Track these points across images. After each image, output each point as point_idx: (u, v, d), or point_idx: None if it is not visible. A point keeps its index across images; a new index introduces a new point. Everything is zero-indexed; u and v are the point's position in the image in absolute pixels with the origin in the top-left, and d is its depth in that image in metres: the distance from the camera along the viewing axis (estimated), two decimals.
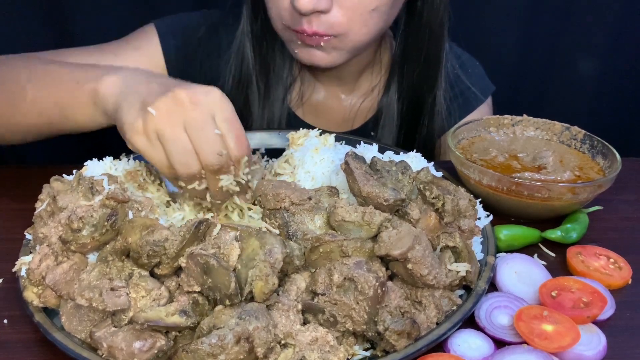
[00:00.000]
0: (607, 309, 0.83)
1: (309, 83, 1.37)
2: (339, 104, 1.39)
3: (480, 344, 0.78)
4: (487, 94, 1.44)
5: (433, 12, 1.23)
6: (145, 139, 0.81)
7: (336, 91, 1.39)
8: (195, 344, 0.66)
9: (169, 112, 0.80)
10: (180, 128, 0.80)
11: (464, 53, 1.44)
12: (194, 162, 0.81)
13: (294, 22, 1.10)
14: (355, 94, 1.39)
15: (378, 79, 1.37)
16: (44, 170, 0.98)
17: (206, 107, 0.81)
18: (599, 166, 1.10)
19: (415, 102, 1.33)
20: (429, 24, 1.24)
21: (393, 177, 0.89)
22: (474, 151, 1.13)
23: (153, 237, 0.74)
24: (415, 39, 1.27)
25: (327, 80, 1.37)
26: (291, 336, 0.71)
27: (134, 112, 0.82)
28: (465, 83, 1.39)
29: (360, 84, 1.38)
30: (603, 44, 1.81)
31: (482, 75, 1.45)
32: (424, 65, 1.28)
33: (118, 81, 0.89)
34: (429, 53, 1.27)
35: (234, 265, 0.73)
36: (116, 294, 0.72)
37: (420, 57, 1.28)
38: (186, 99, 0.80)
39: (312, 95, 1.38)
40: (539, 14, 1.78)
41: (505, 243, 0.96)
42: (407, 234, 0.77)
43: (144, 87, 0.86)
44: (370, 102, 1.38)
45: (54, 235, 0.79)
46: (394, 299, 0.74)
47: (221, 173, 0.83)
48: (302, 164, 0.99)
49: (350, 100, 1.39)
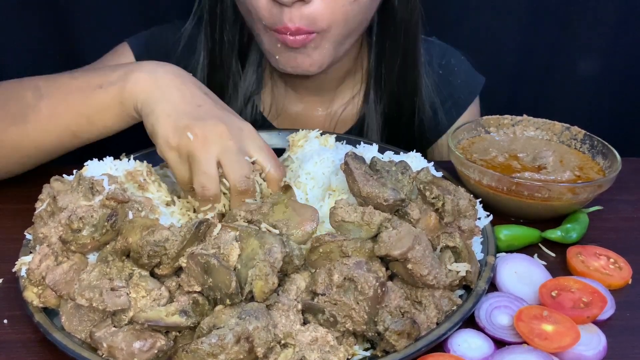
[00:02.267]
0: (607, 309, 0.83)
1: (285, 94, 1.34)
2: (317, 113, 1.37)
3: (480, 344, 0.78)
4: (477, 90, 1.41)
5: (407, 10, 1.21)
6: (177, 155, 0.88)
7: (315, 101, 1.36)
8: (195, 343, 0.66)
9: (205, 140, 0.86)
10: (214, 157, 0.86)
11: (447, 48, 1.41)
12: (214, 187, 0.86)
13: (274, 20, 1.06)
14: (335, 103, 1.36)
15: (359, 87, 1.34)
16: (44, 170, 0.98)
17: (240, 138, 0.89)
18: (599, 166, 1.10)
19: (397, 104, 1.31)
20: (404, 22, 1.22)
21: (393, 177, 0.89)
22: (474, 151, 1.13)
23: (153, 237, 0.74)
24: (391, 39, 1.24)
25: (306, 92, 1.34)
26: (291, 336, 0.71)
27: (170, 128, 0.87)
28: (453, 84, 1.37)
29: (341, 92, 1.35)
30: (603, 44, 1.81)
31: (469, 71, 1.42)
32: (401, 65, 1.26)
33: (145, 77, 0.94)
34: (406, 52, 1.25)
35: (234, 265, 0.73)
36: (116, 294, 0.72)
37: (397, 57, 1.25)
38: (225, 133, 0.87)
39: (289, 107, 1.35)
40: (539, 14, 1.78)
41: (505, 243, 0.96)
42: (407, 234, 0.77)
43: (176, 94, 0.92)
44: (351, 110, 1.35)
45: (54, 235, 0.79)
46: (394, 299, 0.74)
47: (247, 196, 0.88)
48: (302, 164, 0.99)
49: (329, 109, 1.36)
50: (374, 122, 1.32)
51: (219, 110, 0.93)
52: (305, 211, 0.84)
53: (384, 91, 1.30)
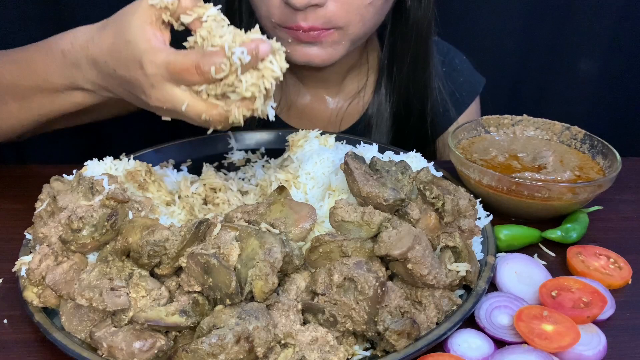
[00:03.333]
0: (607, 309, 0.83)
1: (293, 86, 1.36)
2: (325, 106, 1.38)
3: (480, 344, 0.78)
4: (478, 89, 1.43)
5: (421, 11, 1.22)
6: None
7: (321, 93, 1.37)
8: (195, 343, 0.66)
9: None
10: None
11: (450, 48, 1.42)
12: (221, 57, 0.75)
13: (286, 19, 1.07)
14: (340, 96, 1.37)
15: (364, 81, 1.35)
16: (44, 170, 0.98)
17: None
18: (599, 166, 1.10)
19: (407, 103, 1.32)
20: (417, 24, 1.23)
21: (393, 177, 0.89)
22: (474, 151, 1.13)
23: (153, 237, 0.74)
24: (403, 39, 1.26)
25: (312, 83, 1.35)
26: (291, 336, 0.71)
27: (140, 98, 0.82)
28: (456, 81, 1.38)
29: (346, 85, 1.37)
30: (603, 44, 1.81)
31: (471, 70, 1.44)
32: (412, 65, 1.27)
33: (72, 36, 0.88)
34: (417, 53, 1.26)
35: (234, 265, 0.73)
36: (116, 294, 0.72)
37: (408, 57, 1.26)
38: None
39: (297, 99, 1.37)
40: (540, 14, 1.78)
41: (505, 243, 0.96)
42: (407, 234, 0.77)
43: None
44: (357, 104, 1.37)
45: (54, 235, 0.79)
46: (394, 299, 0.74)
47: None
48: (302, 164, 0.99)
49: (336, 102, 1.37)
50: (382, 121, 1.33)
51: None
52: (301, 209, 0.84)
53: (395, 90, 1.31)
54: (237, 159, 1.21)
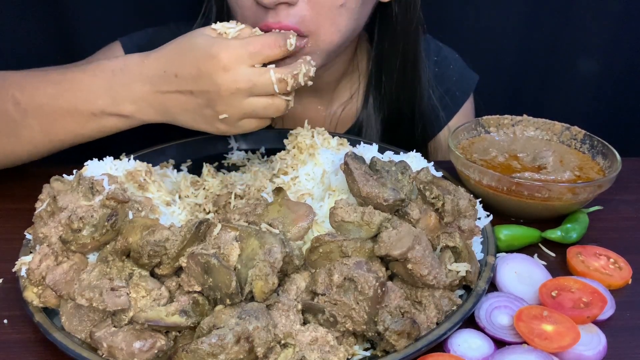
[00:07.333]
0: (607, 309, 0.83)
1: None
2: (318, 114, 1.36)
3: (480, 344, 0.78)
4: (472, 87, 1.42)
5: (408, 13, 1.20)
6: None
7: (314, 103, 1.35)
8: (195, 343, 0.66)
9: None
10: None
11: (442, 47, 1.41)
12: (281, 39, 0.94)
13: (257, 19, 1.04)
14: (334, 103, 1.36)
15: (357, 87, 1.34)
16: (44, 170, 0.98)
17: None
18: (599, 166, 1.10)
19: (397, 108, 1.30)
20: (404, 30, 1.22)
21: (393, 177, 0.89)
22: (474, 151, 1.13)
23: (154, 237, 0.74)
24: (391, 43, 1.24)
25: (305, 93, 1.31)
26: (291, 336, 0.71)
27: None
28: (449, 80, 1.37)
29: (339, 93, 1.35)
30: (603, 44, 1.81)
31: (463, 68, 1.43)
32: (401, 69, 1.26)
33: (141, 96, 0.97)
34: (406, 59, 1.25)
35: (234, 265, 0.73)
36: (116, 294, 0.72)
37: (396, 63, 1.25)
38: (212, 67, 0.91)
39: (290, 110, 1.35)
40: (539, 14, 1.78)
41: (505, 243, 0.96)
42: (407, 234, 0.77)
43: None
44: (350, 109, 1.35)
45: (54, 235, 0.79)
46: (394, 299, 0.74)
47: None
48: (301, 164, 0.99)
49: (329, 110, 1.36)
50: (372, 128, 1.32)
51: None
52: (299, 208, 0.84)
53: (384, 97, 1.30)
54: (237, 159, 1.21)
